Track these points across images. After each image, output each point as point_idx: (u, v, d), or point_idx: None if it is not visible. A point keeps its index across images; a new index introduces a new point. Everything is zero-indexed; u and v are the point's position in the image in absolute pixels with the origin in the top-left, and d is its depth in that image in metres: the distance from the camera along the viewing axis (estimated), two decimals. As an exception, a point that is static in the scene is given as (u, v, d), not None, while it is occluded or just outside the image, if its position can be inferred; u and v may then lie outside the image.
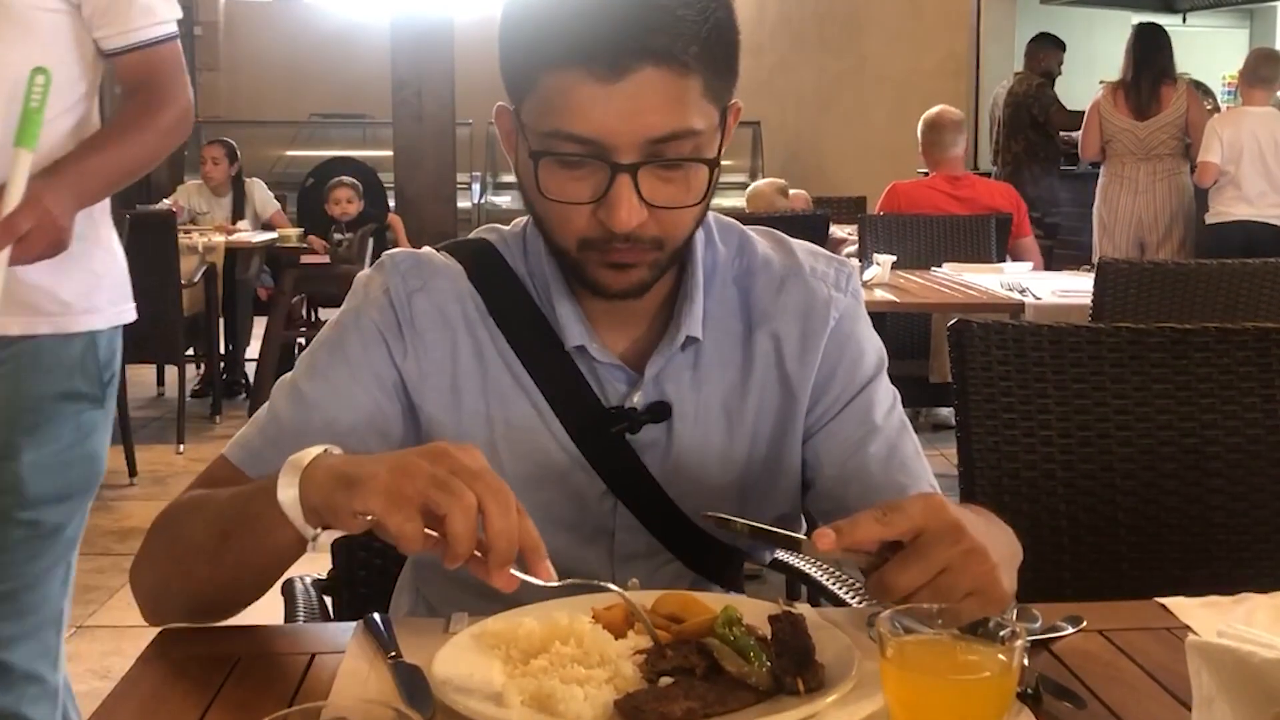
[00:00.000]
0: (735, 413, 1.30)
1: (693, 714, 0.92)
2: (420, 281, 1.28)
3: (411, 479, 0.96)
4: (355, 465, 1.01)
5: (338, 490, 1.00)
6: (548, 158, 1.15)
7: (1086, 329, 1.76)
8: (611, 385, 1.28)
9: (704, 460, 1.29)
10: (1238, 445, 1.71)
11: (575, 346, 1.26)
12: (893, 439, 1.31)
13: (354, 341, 1.27)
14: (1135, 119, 6.11)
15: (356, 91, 9.92)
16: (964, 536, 0.99)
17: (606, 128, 1.11)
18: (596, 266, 1.20)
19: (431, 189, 6.02)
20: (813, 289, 1.32)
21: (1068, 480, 1.71)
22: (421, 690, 0.98)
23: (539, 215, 1.22)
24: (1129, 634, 1.15)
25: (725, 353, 1.30)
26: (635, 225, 1.14)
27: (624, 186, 1.13)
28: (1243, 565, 1.70)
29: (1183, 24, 9.66)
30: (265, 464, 1.22)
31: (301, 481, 1.03)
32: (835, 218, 5.42)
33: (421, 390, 1.27)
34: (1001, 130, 7.42)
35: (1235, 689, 0.86)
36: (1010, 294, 3.92)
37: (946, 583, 0.98)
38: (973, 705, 0.85)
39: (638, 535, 1.30)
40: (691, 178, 1.17)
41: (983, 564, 0.99)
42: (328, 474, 1.02)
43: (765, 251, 1.34)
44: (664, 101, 1.12)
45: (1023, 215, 5.21)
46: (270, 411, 1.28)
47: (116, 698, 1.02)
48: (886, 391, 1.34)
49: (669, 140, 1.13)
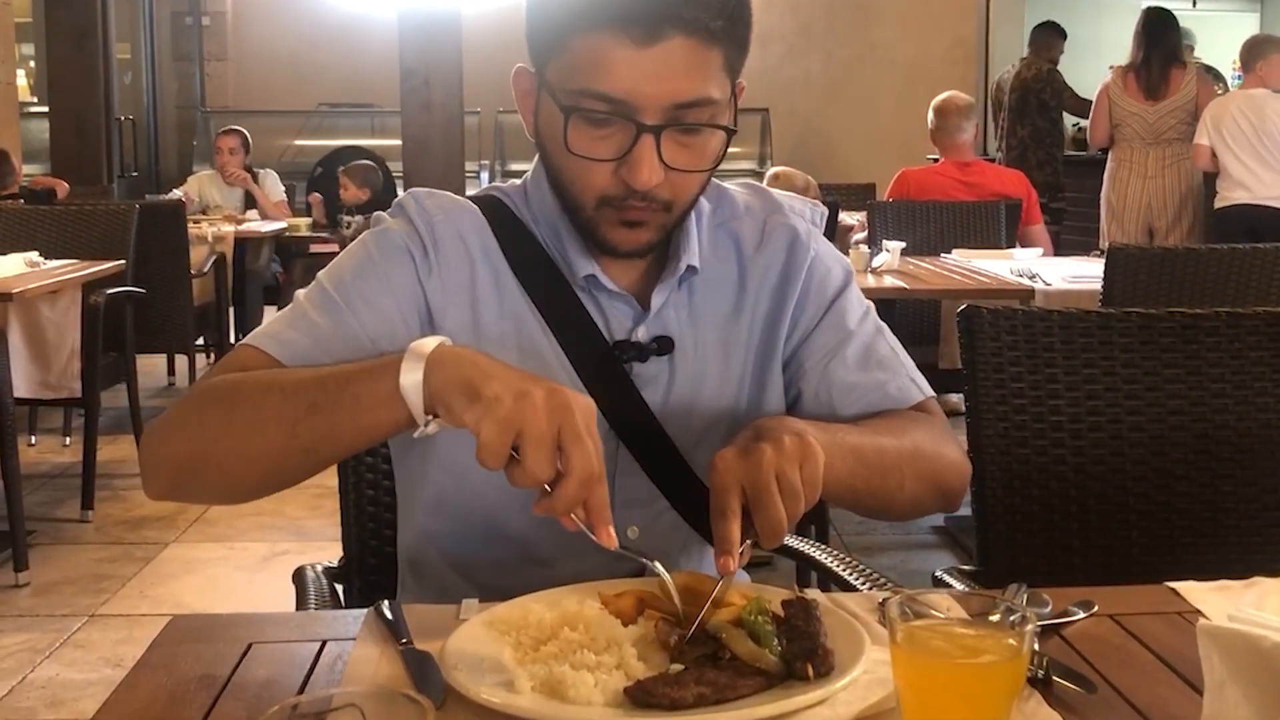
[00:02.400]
0: (730, 346, 1.37)
1: (703, 699, 0.92)
2: (441, 210, 1.34)
3: (528, 423, 1.00)
4: (482, 376, 1.04)
5: (459, 395, 1.04)
6: (577, 115, 1.21)
7: (1096, 314, 1.76)
8: (617, 320, 1.33)
9: (700, 394, 1.35)
10: (1248, 430, 1.71)
11: (586, 276, 1.31)
12: (868, 340, 1.39)
13: (381, 257, 1.31)
14: (1145, 102, 6.09)
15: (365, 81, 9.91)
16: (759, 454, 1.07)
17: (636, 89, 1.18)
18: (610, 225, 1.26)
19: (440, 178, 6.00)
20: (794, 226, 1.41)
21: (1078, 465, 1.71)
22: (433, 676, 0.99)
23: (559, 170, 1.27)
24: (1139, 618, 1.15)
25: (720, 290, 1.37)
26: (654, 184, 1.21)
27: (647, 146, 1.19)
28: (1253, 549, 1.70)
29: (1193, 8, 9.61)
30: (293, 349, 1.25)
31: (426, 370, 1.07)
32: (844, 204, 5.40)
33: (444, 310, 1.31)
34: (1007, 116, 7.39)
35: (1247, 673, 0.86)
36: (1020, 280, 3.91)
37: (788, 490, 1.06)
38: (982, 690, 0.85)
39: (638, 480, 1.33)
40: (707, 144, 1.24)
41: (795, 450, 1.08)
42: (454, 373, 1.06)
43: (745, 199, 1.43)
44: (690, 69, 1.19)
45: (1032, 201, 5.19)
46: (297, 310, 1.29)
47: (128, 685, 1.03)
48: (858, 301, 1.42)
49: (691, 106, 1.20)
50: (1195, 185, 6.11)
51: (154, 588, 3.74)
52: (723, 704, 0.92)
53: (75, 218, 4.90)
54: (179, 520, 4.28)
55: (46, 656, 3.27)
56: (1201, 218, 6.12)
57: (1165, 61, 6.08)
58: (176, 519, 4.29)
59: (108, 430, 5.15)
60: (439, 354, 1.08)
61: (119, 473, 4.85)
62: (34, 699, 3.04)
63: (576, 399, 1.03)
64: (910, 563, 3.95)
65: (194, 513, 4.33)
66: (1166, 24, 6.17)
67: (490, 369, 1.06)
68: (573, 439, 1.01)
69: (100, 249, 4.71)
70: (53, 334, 4.23)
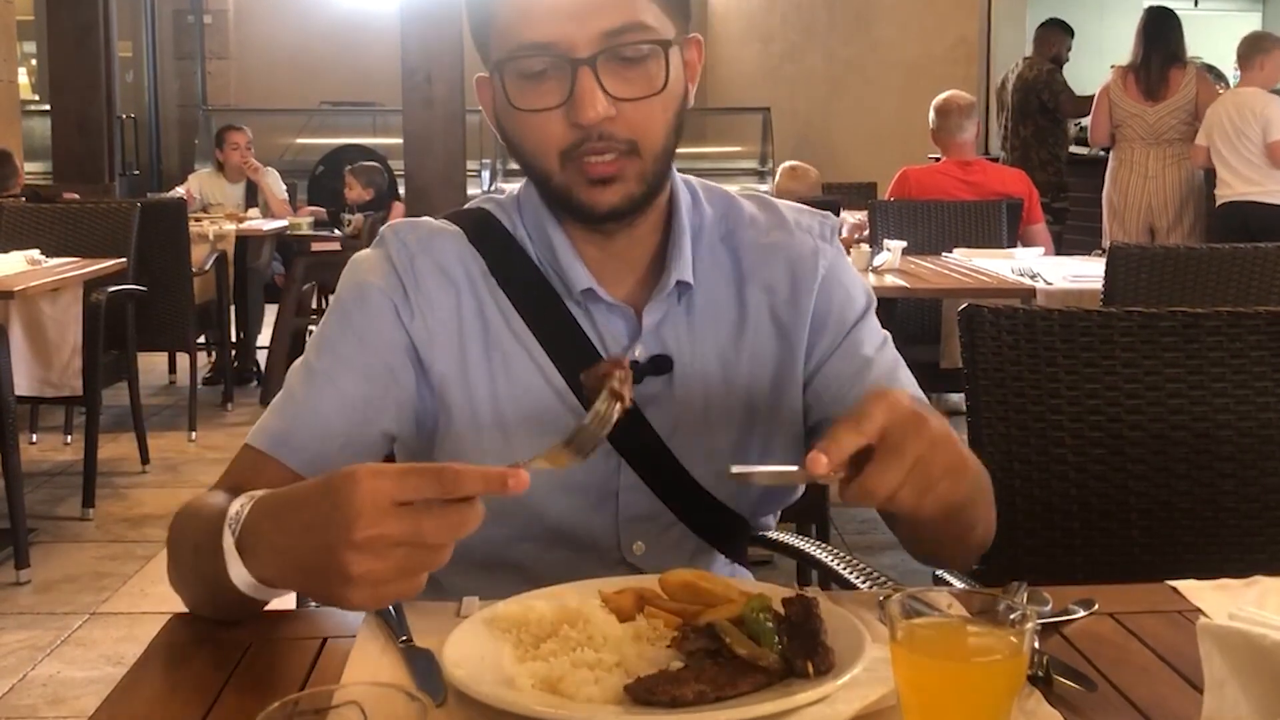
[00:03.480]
0: (731, 365, 1.33)
1: (703, 697, 0.92)
2: (421, 245, 1.31)
3: (373, 586, 0.92)
4: (303, 573, 0.97)
5: (311, 587, 0.98)
6: (512, 71, 1.21)
7: (1098, 313, 1.76)
8: (613, 338, 1.30)
9: (704, 412, 1.32)
10: (1249, 429, 1.71)
11: (582, 290, 1.29)
12: (888, 370, 1.35)
13: (360, 312, 1.29)
14: (1144, 103, 6.10)
15: (366, 79, 9.92)
16: (925, 425, 1.00)
17: (561, 30, 1.18)
18: (582, 186, 1.23)
19: (442, 175, 6.00)
20: (799, 241, 1.37)
21: (1079, 464, 1.71)
22: (433, 674, 0.99)
23: (518, 142, 1.26)
24: (1140, 617, 1.15)
25: (719, 307, 1.34)
26: (602, 116, 1.19)
27: (585, 78, 1.18)
28: (1254, 548, 1.70)
29: (1195, 8, 9.60)
30: (288, 444, 1.25)
31: (254, 571, 1.01)
32: (846, 203, 5.41)
33: (431, 349, 1.29)
34: (1009, 115, 7.38)
35: (1247, 671, 0.86)
36: (1021, 279, 3.91)
37: (921, 473, 0.99)
38: (983, 688, 0.85)
39: (642, 496, 1.31)
40: (651, 69, 1.21)
41: (949, 447, 1.02)
42: (281, 567, 1.00)
43: (751, 210, 1.39)
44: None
45: (1034, 201, 5.19)
46: (286, 392, 1.30)
47: (129, 683, 1.03)
48: (876, 330, 1.38)
49: (623, 32, 1.19)
50: (1197, 185, 6.12)
51: (155, 586, 3.74)
52: (723, 701, 0.92)
53: (77, 216, 4.91)
54: (180, 518, 4.27)
55: (47, 654, 3.27)
56: (1203, 217, 6.13)
57: (1165, 62, 6.08)
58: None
59: (109, 428, 5.16)
60: (251, 543, 1.01)
61: (120, 471, 4.85)
62: (35, 697, 3.04)
63: (352, 493, 0.91)
64: (911, 561, 3.90)
65: (195, 511, 4.33)
66: (1167, 24, 6.17)
67: (296, 551, 0.96)
68: (392, 542, 0.91)
69: (102, 247, 4.72)
70: (54, 332, 4.23)
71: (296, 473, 1.24)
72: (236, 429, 5.53)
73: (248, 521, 1.02)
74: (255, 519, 1.02)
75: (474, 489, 0.90)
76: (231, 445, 5.08)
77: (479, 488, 0.91)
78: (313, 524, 0.94)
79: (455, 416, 1.29)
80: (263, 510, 1.02)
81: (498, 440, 1.29)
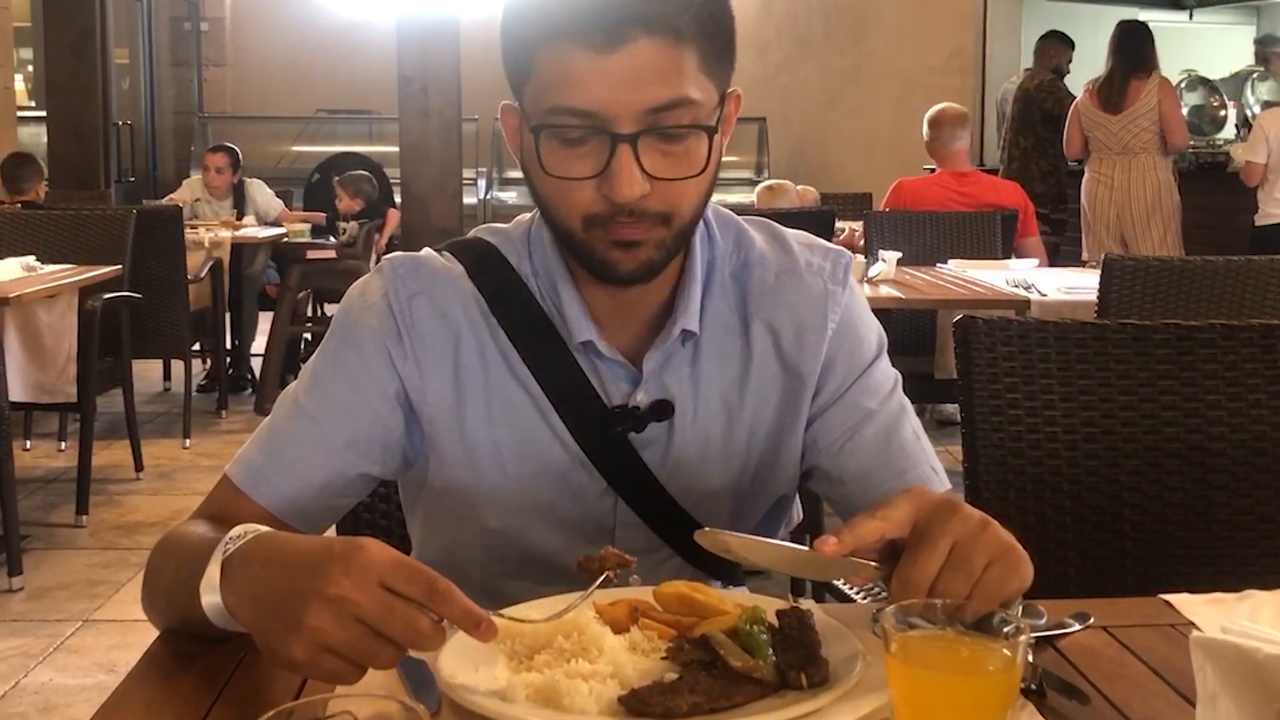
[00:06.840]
0: (734, 408, 1.31)
1: (697, 708, 0.92)
2: (420, 285, 1.28)
3: (316, 645, 0.91)
4: (260, 606, 0.97)
5: (260, 622, 0.97)
6: (548, 135, 1.16)
7: (1092, 325, 1.76)
8: (614, 384, 1.28)
9: (704, 455, 1.30)
10: (1243, 442, 1.71)
11: (582, 342, 1.26)
12: (890, 422, 1.32)
13: (353, 352, 1.27)
14: (1106, 114, 6.15)
15: (363, 87, 9.92)
16: (959, 509, 0.99)
17: (604, 99, 1.12)
18: (604, 247, 1.18)
19: (438, 184, 6.01)
20: (809, 284, 1.33)
21: (1073, 477, 1.71)
22: (428, 685, 0.99)
23: (544, 198, 1.21)
24: (1133, 630, 1.15)
25: (724, 348, 1.31)
26: (637, 196, 1.14)
27: (624, 156, 1.13)
28: (1247, 562, 1.70)
29: (1189, 20, 9.62)
30: (266, 482, 1.24)
31: (224, 596, 1.01)
32: (841, 214, 5.42)
33: (423, 393, 1.27)
34: (1009, 126, 7.40)
35: (1239, 685, 0.86)
36: (1016, 290, 3.92)
37: (961, 556, 0.97)
38: (977, 701, 0.85)
39: (638, 532, 1.30)
40: (692, 148, 1.16)
41: (989, 530, 0.99)
42: (245, 595, 0.99)
43: (761, 247, 1.34)
44: (660, 71, 1.12)
45: (1028, 214, 5.20)
46: (272, 424, 1.28)
47: (122, 692, 1.02)
48: (885, 376, 1.35)
49: (667, 109, 1.13)
50: (1164, 194, 6.13)
51: (148, 593, 3.73)
52: (717, 713, 0.92)
53: (72, 222, 4.91)
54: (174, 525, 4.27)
55: (40, 662, 3.27)
56: (1175, 226, 6.15)
57: (1127, 73, 6.12)
58: (171, 524, 4.28)
59: (103, 435, 5.16)
60: (232, 581, 1.01)
61: (114, 478, 4.85)
62: (27, 704, 3.03)
63: (350, 554, 0.92)
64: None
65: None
66: (1136, 37, 6.24)
67: (278, 601, 0.95)
68: (377, 622, 0.91)
69: (97, 254, 4.72)
70: (49, 338, 4.23)
71: (269, 512, 1.23)
72: (231, 436, 5.53)
73: (243, 549, 1.02)
74: (250, 548, 1.02)
75: (451, 615, 0.92)
76: (225, 453, 5.07)
77: (455, 616, 0.92)
78: (300, 568, 0.94)
79: (446, 459, 1.28)
80: (261, 543, 1.02)
81: (497, 480, 1.28)
